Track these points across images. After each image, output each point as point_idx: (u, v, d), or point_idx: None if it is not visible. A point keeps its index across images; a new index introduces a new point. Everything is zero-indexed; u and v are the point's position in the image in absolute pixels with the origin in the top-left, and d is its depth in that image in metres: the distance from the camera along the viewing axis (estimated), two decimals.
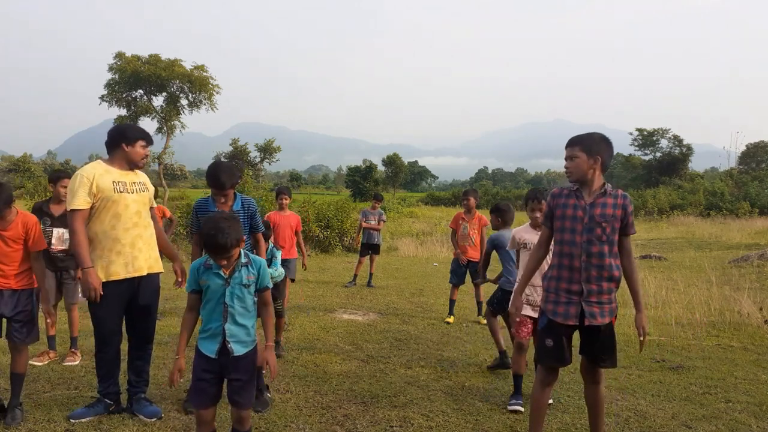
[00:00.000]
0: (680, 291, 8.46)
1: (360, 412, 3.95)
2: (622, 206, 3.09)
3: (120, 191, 3.66)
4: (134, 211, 3.72)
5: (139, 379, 3.85)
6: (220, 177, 3.90)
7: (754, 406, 4.20)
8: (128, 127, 3.84)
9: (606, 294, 3.09)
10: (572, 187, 3.17)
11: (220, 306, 2.88)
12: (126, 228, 3.67)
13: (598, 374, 3.20)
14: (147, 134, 3.87)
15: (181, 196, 40.59)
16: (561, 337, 3.14)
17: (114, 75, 33.99)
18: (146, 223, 3.83)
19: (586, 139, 3.11)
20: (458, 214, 7.24)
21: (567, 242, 3.10)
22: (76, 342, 5.06)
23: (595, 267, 3.05)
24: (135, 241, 3.71)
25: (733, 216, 30.67)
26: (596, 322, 3.07)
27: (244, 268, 2.91)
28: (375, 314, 7.41)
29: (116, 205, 3.64)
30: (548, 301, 3.19)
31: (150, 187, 3.93)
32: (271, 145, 45.86)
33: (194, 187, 79.94)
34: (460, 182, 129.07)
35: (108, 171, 3.69)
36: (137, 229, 3.72)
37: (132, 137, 3.74)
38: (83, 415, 3.66)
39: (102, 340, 3.72)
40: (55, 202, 4.88)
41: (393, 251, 17.49)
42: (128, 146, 3.73)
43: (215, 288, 2.88)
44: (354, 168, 67.75)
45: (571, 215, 3.11)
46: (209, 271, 2.89)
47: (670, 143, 57.73)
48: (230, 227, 2.77)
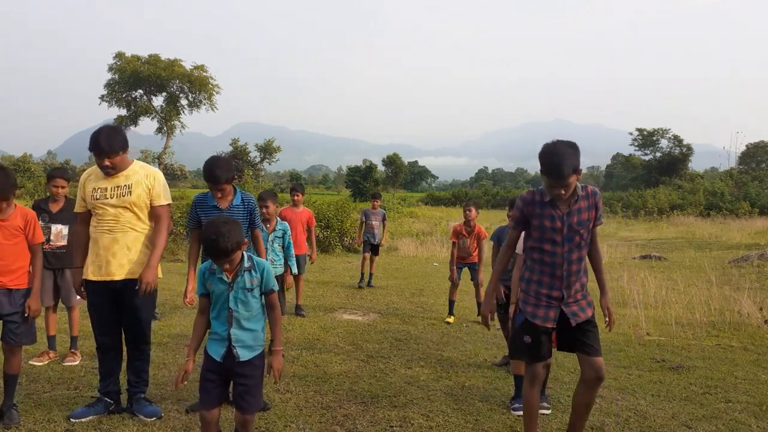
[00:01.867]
0: (680, 291, 8.46)
1: (360, 412, 3.95)
2: (594, 205, 3.16)
3: (97, 198, 3.67)
4: (111, 215, 3.65)
5: (138, 379, 3.84)
6: (215, 171, 3.88)
7: (754, 406, 4.20)
8: (91, 138, 3.60)
9: (580, 292, 3.19)
10: (544, 194, 3.09)
11: (224, 311, 2.89)
12: (101, 232, 3.69)
13: (601, 375, 3.15)
14: (98, 147, 3.54)
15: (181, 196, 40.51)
16: (539, 334, 3.17)
17: (114, 75, 33.99)
18: (126, 228, 3.68)
19: (570, 161, 2.93)
20: (458, 227, 7.13)
21: (548, 253, 3.12)
22: (76, 342, 5.06)
23: (574, 273, 3.13)
24: (110, 245, 3.66)
25: (733, 216, 30.67)
26: (580, 319, 3.15)
27: (247, 272, 2.90)
28: (375, 314, 7.41)
29: (95, 210, 3.70)
30: (528, 303, 3.21)
31: (138, 190, 3.70)
32: (271, 145, 45.85)
33: (194, 187, 79.90)
34: (460, 182, 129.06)
35: (94, 177, 3.72)
36: (113, 234, 3.67)
37: (90, 149, 3.60)
38: (83, 415, 3.66)
39: (95, 338, 3.83)
40: (52, 201, 4.89)
41: (393, 251, 17.48)
42: (94, 157, 3.69)
43: (219, 293, 2.89)
44: (354, 168, 67.69)
45: (550, 227, 3.09)
46: (213, 276, 2.90)
47: (670, 143, 57.76)
48: (231, 231, 2.75)
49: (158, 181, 3.79)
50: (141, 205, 3.72)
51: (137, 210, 3.71)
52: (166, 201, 3.82)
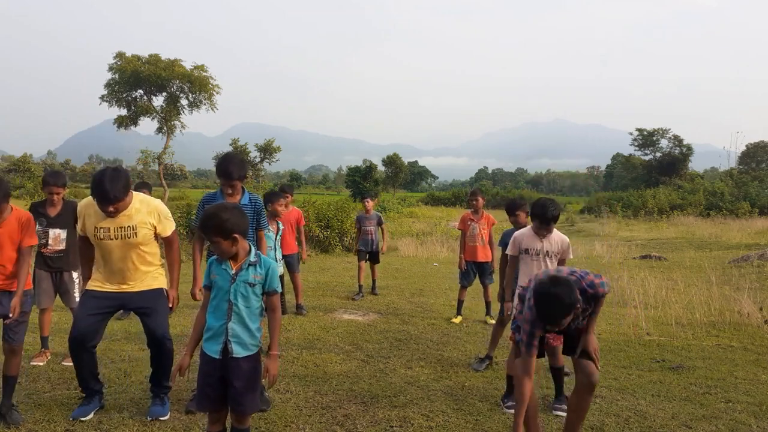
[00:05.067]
0: (680, 291, 8.45)
1: (360, 412, 3.95)
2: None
3: (101, 237, 3.63)
4: (119, 257, 3.67)
5: (154, 387, 3.85)
6: (229, 167, 3.96)
7: (754, 406, 4.20)
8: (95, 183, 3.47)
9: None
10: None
11: (224, 303, 2.85)
12: (112, 271, 3.73)
13: (592, 370, 3.20)
14: (103, 194, 3.45)
15: (181, 196, 40.53)
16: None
17: (114, 75, 33.94)
18: (135, 265, 3.72)
19: (566, 309, 2.92)
20: (466, 214, 7.14)
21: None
22: None
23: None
24: (124, 275, 3.75)
25: (733, 216, 30.64)
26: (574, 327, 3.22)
27: (251, 266, 2.88)
28: (375, 314, 7.41)
29: (101, 249, 3.69)
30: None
31: (144, 231, 3.67)
32: (271, 145, 45.80)
33: (194, 187, 79.85)
34: (460, 182, 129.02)
35: (94, 214, 3.62)
36: (125, 272, 3.73)
37: (93, 194, 3.51)
38: (85, 413, 3.68)
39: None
40: (50, 204, 4.79)
41: (393, 251, 17.47)
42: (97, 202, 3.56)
43: (222, 284, 2.86)
44: (354, 168, 67.65)
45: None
46: (219, 266, 2.89)
47: (670, 143, 57.73)
48: (232, 214, 2.78)
49: (161, 215, 3.78)
50: (147, 241, 3.75)
51: (143, 246, 3.73)
52: (171, 228, 3.84)
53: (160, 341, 3.76)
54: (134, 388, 4.28)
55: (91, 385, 3.76)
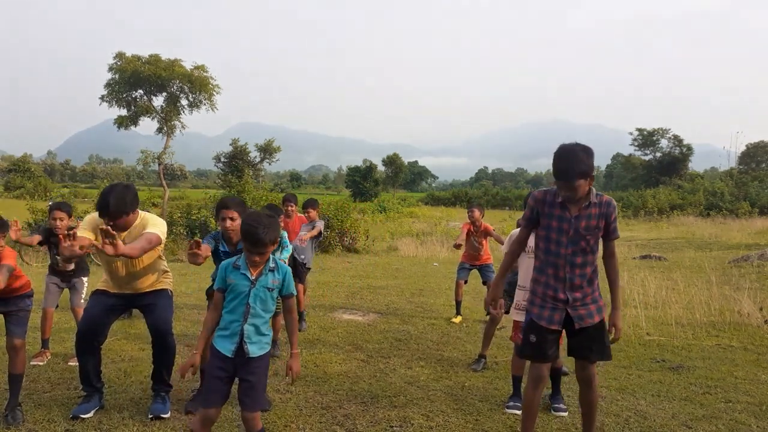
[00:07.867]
0: (680, 291, 8.45)
1: (360, 412, 3.95)
2: (605, 215, 3.11)
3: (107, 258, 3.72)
4: (123, 271, 3.81)
5: (156, 384, 3.88)
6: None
7: (754, 406, 4.20)
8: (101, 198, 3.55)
9: (590, 296, 3.17)
10: (556, 194, 3.11)
11: (242, 306, 2.92)
12: (119, 283, 3.87)
13: (590, 374, 3.21)
14: (106, 210, 3.50)
15: (181, 196, 40.58)
16: (545, 335, 3.18)
17: (114, 75, 33.92)
18: (140, 275, 3.85)
19: (581, 165, 2.91)
20: (467, 225, 7.15)
21: (552, 253, 3.14)
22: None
23: (578, 276, 3.13)
24: (130, 284, 3.87)
25: (733, 216, 30.68)
26: (585, 324, 3.15)
27: (270, 272, 2.98)
28: (375, 314, 7.41)
29: (105, 261, 3.81)
30: (534, 304, 3.24)
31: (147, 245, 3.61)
32: (271, 145, 45.82)
33: (194, 186, 79.89)
34: (460, 182, 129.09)
35: (95, 230, 3.66)
36: (131, 282, 3.87)
37: (98, 209, 3.56)
38: (86, 410, 3.69)
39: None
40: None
41: (393, 251, 17.48)
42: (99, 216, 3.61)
43: (241, 288, 2.93)
44: (354, 168, 67.71)
45: (557, 227, 3.11)
46: (237, 271, 2.95)
47: (670, 143, 57.79)
48: (271, 224, 2.86)
49: (160, 233, 3.74)
50: (150, 256, 3.84)
51: (146, 259, 3.83)
52: (155, 231, 3.70)
53: (163, 336, 3.81)
54: (134, 388, 4.28)
55: (93, 382, 3.79)
